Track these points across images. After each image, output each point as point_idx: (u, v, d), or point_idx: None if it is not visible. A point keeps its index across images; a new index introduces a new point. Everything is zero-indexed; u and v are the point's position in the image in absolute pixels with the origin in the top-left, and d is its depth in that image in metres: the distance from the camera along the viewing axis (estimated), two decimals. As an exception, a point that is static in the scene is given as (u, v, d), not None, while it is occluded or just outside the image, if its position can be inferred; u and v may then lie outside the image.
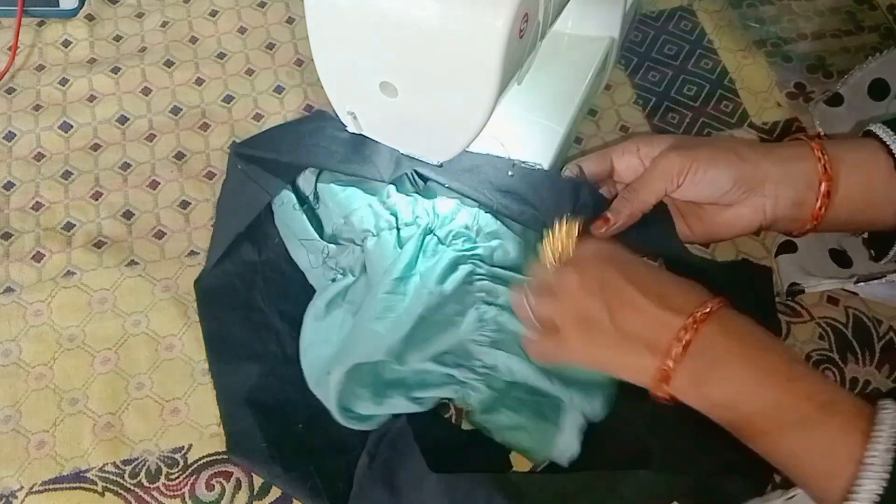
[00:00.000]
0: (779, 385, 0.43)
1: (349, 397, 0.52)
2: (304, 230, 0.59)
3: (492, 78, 0.44)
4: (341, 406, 0.52)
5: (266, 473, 0.53)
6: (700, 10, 0.77)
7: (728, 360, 0.43)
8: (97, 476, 0.53)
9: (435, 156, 0.55)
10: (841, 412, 0.41)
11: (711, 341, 0.44)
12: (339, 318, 0.56)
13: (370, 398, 0.53)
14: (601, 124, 0.70)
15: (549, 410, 0.53)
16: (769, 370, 0.43)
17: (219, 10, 0.76)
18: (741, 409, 0.43)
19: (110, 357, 0.58)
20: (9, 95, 0.70)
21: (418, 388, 0.54)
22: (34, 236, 0.63)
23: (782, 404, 0.42)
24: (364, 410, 0.53)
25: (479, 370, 0.54)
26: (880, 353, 0.59)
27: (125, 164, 0.66)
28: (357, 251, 0.57)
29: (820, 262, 0.60)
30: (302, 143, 0.60)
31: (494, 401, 0.54)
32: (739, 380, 0.43)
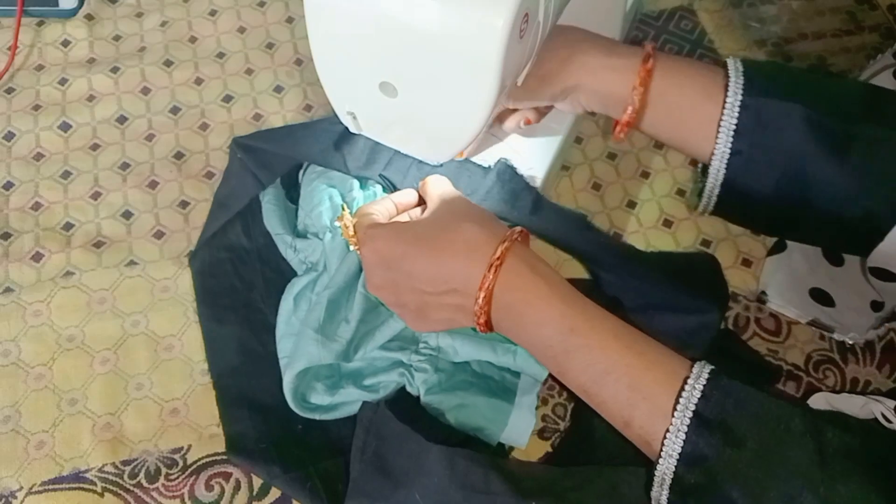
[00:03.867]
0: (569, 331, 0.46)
1: (306, 390, 0.54)
2: (274, 224, 0.61)
3: (492, 78, 0.44)
4: (297, 400, 0.54)
5: (265, 474, 0.53)
6: (701, 9, 0.77)
7: (508, 321, 0.47)
8: (97, 476, 0.53)
9: (435, 156, 0.55)
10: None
11: (498, 310, 0.47)
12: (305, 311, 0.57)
13: (325, 390, 0.55)
14: (601, 124, 0.70)
15: (499, 391, 0.55)
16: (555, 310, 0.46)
17: (218, 9, 0.76)
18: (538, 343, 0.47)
19: (109, 357, 0.58)
20: (8, 95, 0.70)
21: (370, 375, 0.55)
22: (33, 236, 0.63)
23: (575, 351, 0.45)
24: (318, 401, 0.54)
25: (424, 352, 0.55)
26: (881, 353, 0.59)
27: (124, 164, 0.66)
28: (320, 245, 0.58)
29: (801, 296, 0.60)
30: (293, 135, 0.62)
31: (442, 381, 0.55)
32: (519, 337, 0.48)
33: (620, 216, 0.65)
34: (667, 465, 0.41)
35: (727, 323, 0.60)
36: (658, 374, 0.43)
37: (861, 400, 0.52)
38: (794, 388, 0.58)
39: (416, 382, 0.54)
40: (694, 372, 0.42)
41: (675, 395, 0.42)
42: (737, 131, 0.48)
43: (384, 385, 0.55)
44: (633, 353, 0.44)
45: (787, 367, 0.58)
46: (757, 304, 0.61)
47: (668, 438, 0.41)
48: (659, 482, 0.42)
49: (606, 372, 0.44)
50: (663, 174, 0.68)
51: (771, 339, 0.60)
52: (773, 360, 0.59)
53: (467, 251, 0.47)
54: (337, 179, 0.60)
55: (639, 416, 0.43)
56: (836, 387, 0.58)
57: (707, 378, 0.42)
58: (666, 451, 0.41)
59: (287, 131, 0.65)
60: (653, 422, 0.42)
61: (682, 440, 0.40)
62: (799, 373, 0.58)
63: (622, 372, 0.44)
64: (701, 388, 0.41)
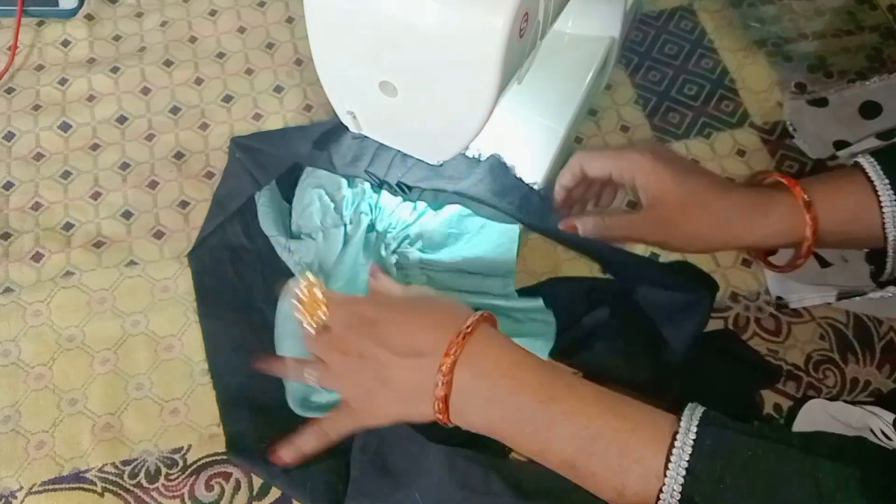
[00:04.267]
0: (532, 406, 0.45)
1: (307, 390, 0.54)
2: (268, 227, 0.60)
3: (492, 78, 0.44)
4: (298, 399, 0.54)
5: (265, 474, 0.53)
6: (701, 9, 0.77)
7: (479, 392, 0.46)
8: (97, 476, 0.53)
9: (434, 155, 0.55)
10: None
11: (463, 379, 0.45)
12: None
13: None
14: (601, 124, 0.70)
15: None
16: (520, 392, 0.45)
17: (218, 9, 0.76)
18: (503, 432, 0.46)
19: (110, 357, 0.58)
20: (8, 95, 0.70)
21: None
22: (33, 236, 0.62)
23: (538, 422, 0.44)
24: (319, 399, 0.54)
25: None
26: (881, 353, 0.59)
27: (124, 164, 0.66)
28: (314, 245, 0.58)
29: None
30: (287, 136, 0.62)
31: None
32: (491, 411, 0.46)
33: (620, 216, 0.65)
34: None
35: (727, 323, 0.60)
36: (645, 435, 0.42)
37: (858, 412, 0.51)
38: (794, 388, 0.58)
39: None
40: (682, 426, 0.42)
41: (666, 454, 0.41)
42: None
43: None
44: (617, 416, 0.43)
45: (787, 367, 0.58)
46: (756, 305, 0.61)
47: (662, 500, 0.40)
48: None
49: (594, 439, 0.43)
50: (663, 174, 0.67)
51: (771, 339, 0.60)
52: (773, 360, 0.59)
53: (439, 322, 0.47)
54: (325, 179, 0.60)
55: (632, 483, 0.42)
56: (836, 387, 0.58)
57: (696, 430, 0.41)
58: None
59: (282, 132, 0.65)
60: (646, 485, 0.41)
61: (676, 500, 0.40)
62: (799, 373, 0.58)
63: (610, 437, 0.43)
64: (691, 442, 0.41)
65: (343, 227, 0.58)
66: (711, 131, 0.70)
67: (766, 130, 0.70)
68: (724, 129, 0.70)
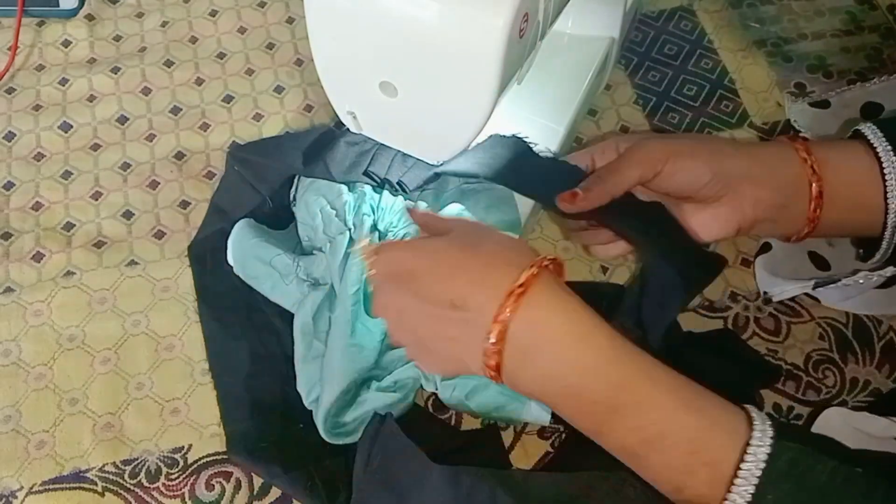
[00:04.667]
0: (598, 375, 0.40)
1: (336, 412, 0.53)
2: (267, 251, 0.58)
3: (492, 78, 0.44)
4: (326, 423, 0.52)
5: (266, 473, 0.53)
6: (700, 9, 0.77)
7: (534, 365, 0.40)
8: (97, 476, 0.53)
9: (435, 155, 0.55)
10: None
11: (516, 348, 0.40)
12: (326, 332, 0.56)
13: (347, 404, 0.53)
14: (601, 124, 0.70)
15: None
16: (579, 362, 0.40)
17: (219, 9, 0.76)
18: (560, 400, 0.42)
19: (110, 357, 0.58)
20: (9, 95, 0.70)
21: (385, 376, 0.54)
22: (34, 236, 0.63)
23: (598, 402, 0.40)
24: (347, 417, 0.53)
25: None
26: (880, 353, 0.59)
27: (125, 164, 0.66)
28: (324, 259, 0.57)
29: (796, 264, 0.60)
30: (282, 146, 0.61)
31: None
32: (547, 385, 0.41)
33: (620, 216, 0.65)
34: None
35: (727, 323, 0.60)
36: (720, 436, 0.39)
37: (884, 422, 0.50)
38: (793, 388, 0.58)
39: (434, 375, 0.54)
40: (756, 434, 0.38)
41: (737, 461, 0.38)
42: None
43: (401, 383, 0.54)
44: (691, 411, 0.39)
45: (786, 366, 0.58)
46: (756, 305, 0.61)
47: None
48: None
49: (661, 435, 0.39)
50: (663, 174, 0.68)
51: (771, 338, 0.60)
52: (773, 360, 0.59)
53: (485, 272, 0.41)
54: (324, 188, 0.59)
55: (695, 484, 0.39)
56: (836, 387, 0.58)
57: (770, 441, 0.38)
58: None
59: (277, 142, 0.64)
60: (711, 489, 0.38)
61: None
62: (798, 372, 0.58)
63: (680, 436, 0.39)
64: (765, 455, 0.38)
65: (347, 233, 0.57)
66: (711, 131, 0.70)
67: (765, 130, 0.70)
68: (723, 130, 0.70)
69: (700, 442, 0.39)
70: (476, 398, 0.54)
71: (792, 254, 0.60)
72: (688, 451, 0.39)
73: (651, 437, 0.39)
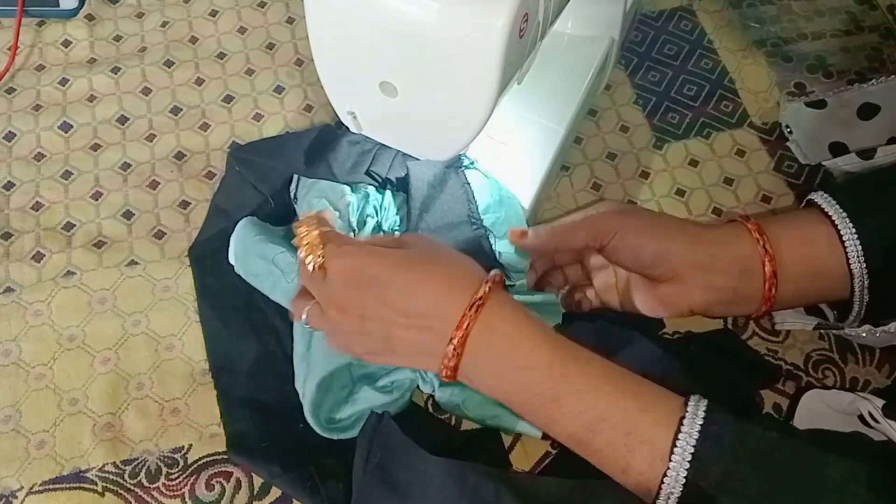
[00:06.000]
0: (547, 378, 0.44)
1: (327, 406, 0.53)
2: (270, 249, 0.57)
3: (492, 78, 0.44)
4: (319, 417, 0.52)
5: (266, 473, 0.53)
6: (700, 10, 0.77)
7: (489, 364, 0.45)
8: (97, 476, 0.53)
9: (435, 155, 0.55)
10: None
11: (474, 351, 0.45)
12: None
13: (343, 401, 0.53)
14: (601, 124, 0.70)
15: None
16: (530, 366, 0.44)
17: (219, 10, 0.76)
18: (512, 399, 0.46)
19: (110, 357, 0.58)
20: (9, 95, 0.70)
21: (383, 376, 0.54)
22: (34, 236, 0.63)
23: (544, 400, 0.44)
24: (342, 413, 0.53)
25: None
26: (880, 353, 0.59)
27: (125, 164, 0.66)
28: None
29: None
30: (283, 147, 0.61)
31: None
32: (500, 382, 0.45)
33: (620, 216, 0.65)
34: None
35: (727, 323, 0.60)
36: (655, 416, 0.42)
37: (849, 396, 0.52)
38: (793, 388, 0.58)
39: (428, 374, 0.54)
40: (689, 410, 0.42)
41: (673, 436, 0.41)
42: (864, 246, 0.50)
43: (398, 384, 0.54)
44: (627, 395, 0.43)
45: (786, 366, 0.58)
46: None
47: (666, 484, 0.41)
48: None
49: (601, 418, 0.43)
50: (663, 174, 0.68)
51: (770, 338, 0.60)
52: (773, 360, 0.59)
53: (448, 286, 0.45)
54: (327, 189, 0.59)
55: (637, 462, 0.42)
56: (836, 387, 0.58)
57: (703, 416, 0.41)
58: (663, 495, 0.41)
59: (279, 142, 0.64)
60: (652, 467, 0.41)
61: (681, 484, 0.40)
62: (798, 372, 0.58)
63: (618, 417, 0.42)
64: (698, 429, 0.41)
65: (353, 234, 0.57)
66: (711, 131, 0.70)
67: (765, 131, 0.70)
68: (723, 130, 0.70)
69: (636, 422, 0.42)
70: (472, 405, 0.54)
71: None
72: (625, 431, 0.42)
73: (591, 421, 0.43)
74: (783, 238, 0.52)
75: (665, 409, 0.43)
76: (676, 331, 0.59)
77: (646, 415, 0.42)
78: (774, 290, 0.51)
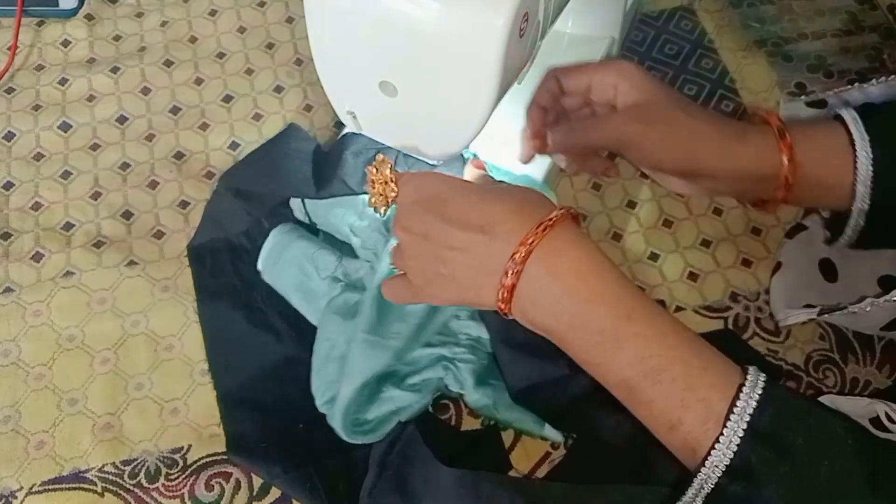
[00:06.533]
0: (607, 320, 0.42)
1: (356, 409, 0.53)
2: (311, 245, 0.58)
3: (492, 78, 0.44)
4: (347, 421, 0.52)
5: (266, 473, 0.53)
6: (700, 9, 0.77)
7: (550, 292, 0.43)
8: (97, 476, 0.53)
9: (435, 155, 0.55)
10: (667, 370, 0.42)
11: (536, 273, 0.43)
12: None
13: (368, 401, 0.53)
14: (601, 124, 0.70)
15: None
16: (595, 303, 0.42)
17: (218, 9, 0.76)
18: (564, 335, 0.44)
19: (110, 357, 0.58)
20: (8, 95, 0.70)
21: (410, 375, 0.54)
22: (33, 236, 0.63)
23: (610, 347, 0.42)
24: (368, 415, 0.53)
25: (465, 342, 0.55)
26: (880, 353, 0.59)
27: (124, 164, 0.66)
28: (367, 267, 0.57)
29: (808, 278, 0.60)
30: (277, 169, 0.61)
31: (484, 372, 0.55)
32: (559, 313, 0.43)
33: (620, 216, 0.65)
34: (710, 474, 0.39)
35: (727, 323, 0.60)
36: (715, 378, 0.41)
37: (865, 400, 0.51)
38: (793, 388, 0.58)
39: (462, 374, 0.54)
40: (749, 380, 0.40)
41: (730, 401, 0.40)
42: (875, 173, 0.49)
43: (427, 383, 0.54)
44: (692, 350, 0.42)
45: (786, 367, 0.58)
46: (756, 305, 0.61)
47: (718, 448, 0.39)
48: (696, 489, 0.40)
49: (661, 368, 0.41)
50: (663, 174, 0.68)
51: (771, 339, 0.60)
52: (773, 360, 0.59)
53: (516, 206, 0.44)
54: (347, 203, 0.59)
55: (689, 420, 0.40)
56: (836, 387, 0.58)
57: (763, 387, 0.40)
58: (712, 461, 0.39)
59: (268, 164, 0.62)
60: (704, 427, 0.40)
61: (732, 451, 0.39)
62: (799, 373, 0.58)
63: (679, 370, 0.41)
64: (757, 398, 0.40)
65: (384, 241, 0.57)
66: (711, 131, 0.70)
67: (765, 130, 0.70)
68: (723, 129, 0.70)
69: (696, 378, 0.41)
70: (503, 406, 0.54)
71: (804, 268, 0.60)
72: (684, 386, 0.41)
73: (650, 370, 0.41)
74: (802, 146, 0.51)
75: (725, 372, 0.41)
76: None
77: (707, 373, 0.41)
78: (786, 194, 0.51)
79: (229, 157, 0.67)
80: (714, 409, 0.40)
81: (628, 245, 0.64)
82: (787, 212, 0.65)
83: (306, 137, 0.63)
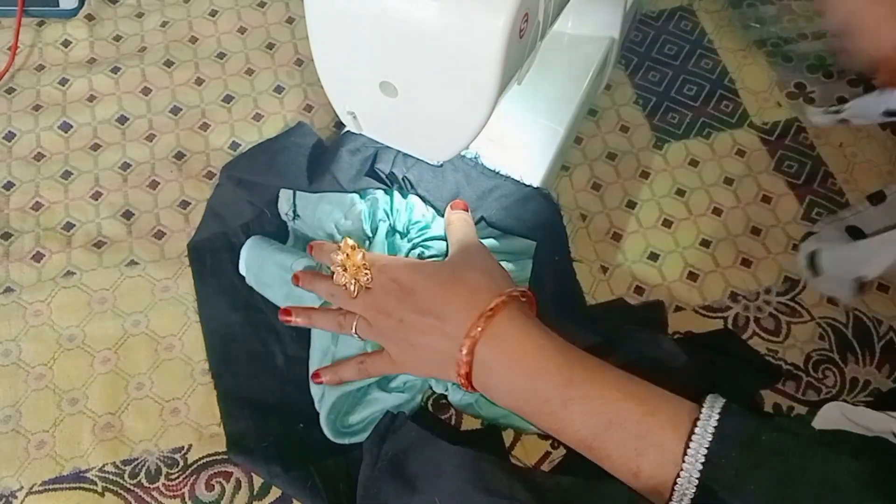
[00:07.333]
0: (552, 389, 0.46)
1: (347, 410, 0.53)
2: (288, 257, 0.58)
3: (492, 78, 0.44)
4: (334, 423, 0.53)
5: (266, 473, 0.53)
6: (700, 10, 0.77)
7: (498, 372, 0.47)
8: (97, 476, 0.53)
9: (435, 155, 0.55)
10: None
11: (484, 358, 0.47)
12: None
13: (355, 404, 0.54)
14: (601, 124, 0.70)
15: None
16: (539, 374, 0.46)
17: (219, 9, 0.76)
18: (524, 408, 0.47)
19: (110, 357, 0.58)
20: (9, 95, 0.70)
21: (395, 377, 0.54)
22: (34, 236, 0.63)
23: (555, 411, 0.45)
24: (354, 417, 0.53)
25: None
26: (880, 353, 0.59)
27: (125, 164, 0.66)
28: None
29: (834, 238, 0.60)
30: (275, 163, 0.61)
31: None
32: (510, 390, 0.47)
33: (620, 216, 0.65)
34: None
35: (727, 323, 0.60)
36: (664, 420, 0.43)
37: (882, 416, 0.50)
38: (793, 388, 0.58)
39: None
40: (703, 414, 0.42)
41: (685, 439, 0.41)
42: None
43: (410, 384, 0.54)
44: (636, 399, 0.44)
45: (786, 366, 0.59)
46: (756, 304, 0.61)
47: (678, 487, 0.40)
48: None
49: (610, 423, 0.43)
50: (663, 174, 0.68)
51: (771, 339, 0.60)
52: (773, 360, 0.59)
53: (467, 296, 0.49)
54: (335, 200, 0.59)
55: (647, 466, 0.42)
56: (836, 387, 0.58)
57: (717, 418, 0.41)
58: (676, 496, 0.41)
59: (269, 156, 0.63)
60: (663, 470, 0.42)
61: (694, 485, 0.40)
62: (798, 372, 0.58)
63: (627, 421, 0.43)
64: (712, 430, 0.41)
65: (368, 241, 0.57)
66: (711, 131, 0.70)
67: (765, 130, 0.70)
68: (723, 130, 0.70)
69: (645, 426, 0.43)
70: (485, 403, 0.54)
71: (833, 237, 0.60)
72: (635, 434, 0.43)
73: (601, 426, 0.44)
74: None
75: (676, 412, 0.43)
76: (677, 331, 0.60)
77: (654, 418, 0.43)
78: None
79: (230, 157, 0.67)
80: (669, 450, 0.42)
81: (628, 245, 0.64)
82: (787, 212, 0.66)
83: (310, 133, 0.63)
